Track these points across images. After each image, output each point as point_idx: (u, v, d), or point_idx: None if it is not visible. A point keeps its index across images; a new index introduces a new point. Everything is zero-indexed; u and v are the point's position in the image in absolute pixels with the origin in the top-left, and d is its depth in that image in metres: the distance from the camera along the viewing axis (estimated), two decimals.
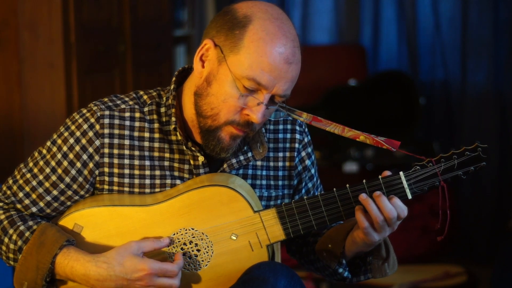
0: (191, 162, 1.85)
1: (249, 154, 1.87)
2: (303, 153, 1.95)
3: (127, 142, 1.83)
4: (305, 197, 1.83)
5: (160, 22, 4.15)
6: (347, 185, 1.80)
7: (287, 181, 1.94)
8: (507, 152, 4.46)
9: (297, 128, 1.93)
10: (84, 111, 1.85)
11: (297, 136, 1.94)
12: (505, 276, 3.43)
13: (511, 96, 4.41)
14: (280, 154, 1.93)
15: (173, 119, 1.83)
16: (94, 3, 3.56)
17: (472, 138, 4.39)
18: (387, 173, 1.80)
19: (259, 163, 1.91)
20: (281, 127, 1.93)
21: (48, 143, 1.86)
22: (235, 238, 1.81)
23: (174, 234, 1.81)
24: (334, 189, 1.81)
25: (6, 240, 1.82)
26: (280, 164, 1.93)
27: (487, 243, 4.45)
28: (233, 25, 1.75)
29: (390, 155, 4.28)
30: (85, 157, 1.83)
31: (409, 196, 1.79)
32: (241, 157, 1.86)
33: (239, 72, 1.73)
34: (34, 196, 1.84)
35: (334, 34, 4.76)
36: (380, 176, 1.79)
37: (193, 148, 1.83)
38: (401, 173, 1.79)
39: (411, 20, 4.56)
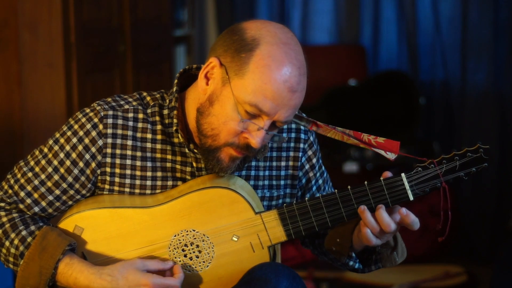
0: (194, 164, 1.85)
1: None
2: (310, 152, 1.95)
3: (129, 142, 1.83)
4: (306, 198, 1.83)
5: (160, 22, 4.15)
6: (349, 187, 1.80)
7: (290, 180, 1.93)
8: (507, 152, 4.46)
9: (302, 127, 1.93)
10: (88, 110, 1.85)
11: (302, 135, 1.93)
12: (505, 276, 3.43)
13: (511, 96, 4.41)
14: (284, 154, 1.92)
15: (175, 121, 1.82)
16: (94, 3, 3.56)
17: (472, 138, 4.39)
18: (387, 174, 1.81)
19: (261, 164, 1.90)
20: (285, 126, 1.92)
21: (50, 142, 1.86)
22: (236, 239, 1.81)
23: (175, 236, 1.81)
24: (336, 190, 1.81)
25: (7, 243, 1.82)
26: (283, 163, 1.93)
27: (487, 243, 4.45)
28: (241, 47, 1.73)
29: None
30: (87, 156, 1.83)
31: (411, 198, 1.79)
32: None
33: (242, 97, 1.72)
34: (36, 195, 1.84)
35: (334, 34, 4.76)
36: (381, 178, 1.80)
37: (195, 151, 1.83)
38: (402, 174, 1.79)
39: (411, 20, 4.56)
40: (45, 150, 1.86)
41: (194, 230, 1.81)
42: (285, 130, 1.92)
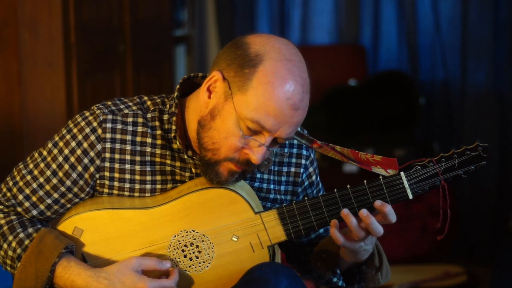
0: (193, 170, 1.84)
1: None
2: (311, 169, 1.95)
3: (128, 147, 1.83)
4: (306, 198, 1.83)
5: (160, 22, 4.15)
6: (348, 186, 1.80)
7: (289, 196, 1.94)
8: (507, 152, 4.46)
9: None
10: (87, 114, 1.84)
11: (304, 152, 1.93)
12: (505, 276, 3.42)
13: (511, 96, 4.41)
14: (284, 169, 1.92)
15: (174, 127, 1.82)
16: (94, 3, 3.56)
17: (472, 138, 4.38)
18: None
19: (265, 176, 1.90)
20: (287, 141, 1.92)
21: (49, 145, 1.85)
22: (236, 239, 1.81)
23: (175, 236, 1.81)
24: (335, 189, 1.81)
25: (5, 246, 1.82)
26: (284, 178, 1.93)
27: (487, 243, 4.44)
28: (244, 62, 1.72)
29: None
30: (86, 160, 1.82)
31: (410, 196, 1.79)
32: None
33: (244, 113, 1.71)
34: (34, 198, 1.84)
35: (334, 34, 4.76)
36: (380, 177, 1.80)
37: (194, 157, 1.83)
38: (402, 173, 1.79)
39: (411, 20, 4.56)
40: (44, 153, 1.85)
41: (193, 231, 1.81)
42: (287, 145, 1.92)
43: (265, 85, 1.70)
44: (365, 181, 1.79)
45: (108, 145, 1.82)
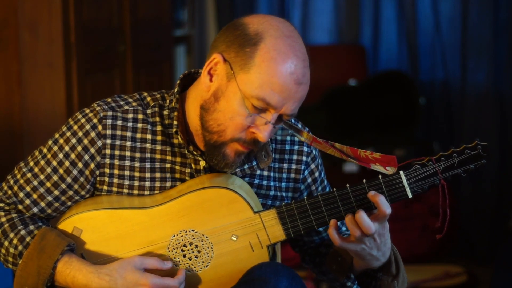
0: (193, 166, 1.84)
1: (253, 163, 1.87)
2: (313, 166, 1.94)
3: (128, 143, 1.83)
4: (305, 197, 1.83)
5: (160, 22, 4.15)
6: (347, 185, 1.80)
7: (290, 193, 1.94)
8: (507, 152, 4.46)
9: None
10: (87, 111, 1.85)
11: (305, 148, 1.93)
12: (505, 276, 3.42)
13: (511, 96, 4.41)
14: (285, 166, 1.92)
15: (175, 122, 1.82)
16: (94, 3, 3.56)
17: (472, 138, 4.33)
18: None
19: (265, 173, 1.90)
20: (288, 138, 1.92)
21: (50, 142, 1.85)
22: (235, 239, 1.81)
23: (174, 236, 1.81)
24: (334, 189, 1.81)
25: (6, 243, 1.82)
26: (284, 175, 1.92)
27: (487, 243, 4.44)
28: (244, 41, 1.73)
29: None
30: (86, 157, 1.82)
31: (410, 195, 1.79)
32: (245, 166, 1.86)
33: (249, 91, 1.72)
34: (35, 196, 1.84)
35: (334, 34, 4.76)
36: (380, 176, 1.79)
37: (194, 153, 1.83)
38: (401, 172, 1.79)
39: (411, 20, 4.56)
40: (45, 150, 1.86)
41: (193, 230, 1.81)
42: (288, 142, 1.92)
43: (268, 62, 1.71)
44: (364, 180, 1.79)
45: (108, 141, 1.82)
